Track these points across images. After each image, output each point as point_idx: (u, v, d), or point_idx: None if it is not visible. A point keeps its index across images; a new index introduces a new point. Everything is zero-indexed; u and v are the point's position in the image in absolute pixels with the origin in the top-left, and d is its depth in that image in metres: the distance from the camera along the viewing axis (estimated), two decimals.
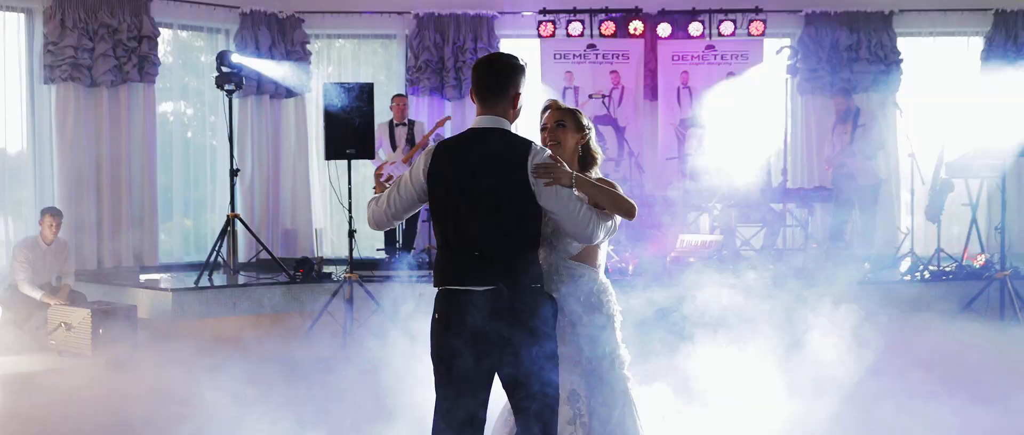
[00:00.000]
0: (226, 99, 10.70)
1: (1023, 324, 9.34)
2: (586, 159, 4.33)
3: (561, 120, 4.27)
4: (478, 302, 3.83)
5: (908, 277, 10.66)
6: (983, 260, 10.82)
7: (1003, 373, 7.40)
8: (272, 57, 12.58)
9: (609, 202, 3.99)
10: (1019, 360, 7.88)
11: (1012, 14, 12.56)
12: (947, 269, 10.72)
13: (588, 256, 4.23)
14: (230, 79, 10.60)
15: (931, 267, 10.76)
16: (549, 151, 3.92)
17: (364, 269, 10.36)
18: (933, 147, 11.46)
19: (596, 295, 4.21)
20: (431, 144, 12.98)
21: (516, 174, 3.85)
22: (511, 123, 4.01)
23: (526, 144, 3.91)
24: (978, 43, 12.87)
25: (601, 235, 3.95)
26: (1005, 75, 11.44)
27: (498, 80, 3.98)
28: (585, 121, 4.33)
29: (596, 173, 4.28)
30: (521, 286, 3.89)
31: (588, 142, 4.31)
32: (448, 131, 12.07)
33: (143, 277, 11.23)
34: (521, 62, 4.03)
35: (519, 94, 3.99)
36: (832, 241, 11.34)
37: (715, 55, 12.69)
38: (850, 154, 11.12)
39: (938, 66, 12.98)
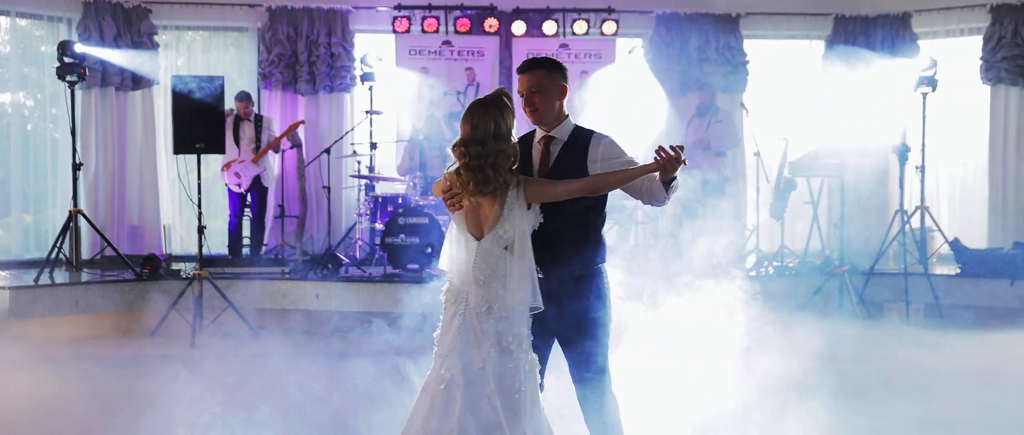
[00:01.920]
0: (68, 91, 10.30)
1: (859, 317, 9.76)
2: None
3: None
4: None
5: (753, 273, 11.00)
6: (823, 257, 11.25)
7: (852, 363, 7.72)
8: (117, 47, 12.14)
9: None
10: (858, 352, 8.23)
11: (851, 19, 13.10)
12: (790, 265, 11.12)
13: None
14: (72, 70, 10.19)
15: (775, 263, 11.14)
16: None
17: (214, 266, 10.12)
18: (777, 147, 11.87)
19: None
20: (284, 146, 12.63)
21: None
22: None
23: None
24: (819, 46, 13.36)
25: None
26: (844, 78, 11.92)
27: None
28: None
29: None
30: None
31: None
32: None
33: None
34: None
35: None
36: (676, 237, 11.59)
37: (569, 54, 12.82)
38: (704, 147, 11.38)
39: (782, 68, 13.42)
